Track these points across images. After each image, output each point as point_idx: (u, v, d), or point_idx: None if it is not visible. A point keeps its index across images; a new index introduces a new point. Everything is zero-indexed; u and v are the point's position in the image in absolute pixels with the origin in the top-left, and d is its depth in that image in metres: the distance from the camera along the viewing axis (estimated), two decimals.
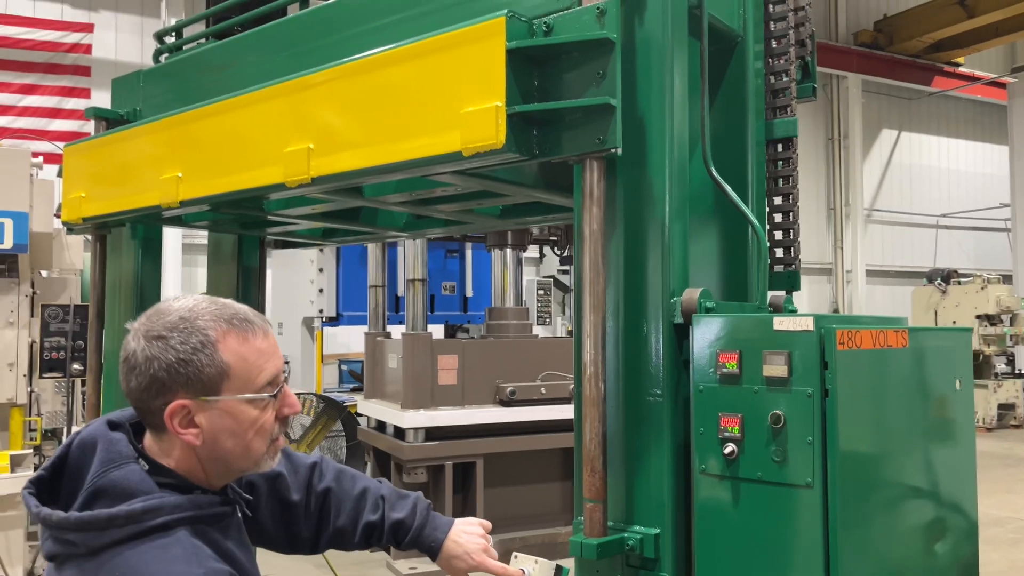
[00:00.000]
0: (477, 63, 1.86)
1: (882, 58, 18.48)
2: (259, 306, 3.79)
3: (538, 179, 2.50)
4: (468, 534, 1.83)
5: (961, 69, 19.49)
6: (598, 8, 1.82)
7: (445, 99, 1.92)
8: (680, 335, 1.91)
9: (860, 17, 18.82)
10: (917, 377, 1.95)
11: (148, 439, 1.46)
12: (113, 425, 1.45)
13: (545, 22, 1.88)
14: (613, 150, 1.81)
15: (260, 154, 2.38)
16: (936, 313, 15.24)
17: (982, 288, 14.69)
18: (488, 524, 1.86)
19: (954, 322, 14.68)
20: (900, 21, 18.30)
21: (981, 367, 14.65)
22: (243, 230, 3.57)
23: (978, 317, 14.57)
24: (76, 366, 5.57)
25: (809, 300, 18.06)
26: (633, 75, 1.95)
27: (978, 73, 19.87)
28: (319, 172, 2.20)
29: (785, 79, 2.38)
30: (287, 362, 9.61)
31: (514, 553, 1.83)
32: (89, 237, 3.41)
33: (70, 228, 3.29)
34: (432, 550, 1.82)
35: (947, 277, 15.39)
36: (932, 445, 1.98)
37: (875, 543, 1.78)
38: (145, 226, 3.38)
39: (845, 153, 18.72)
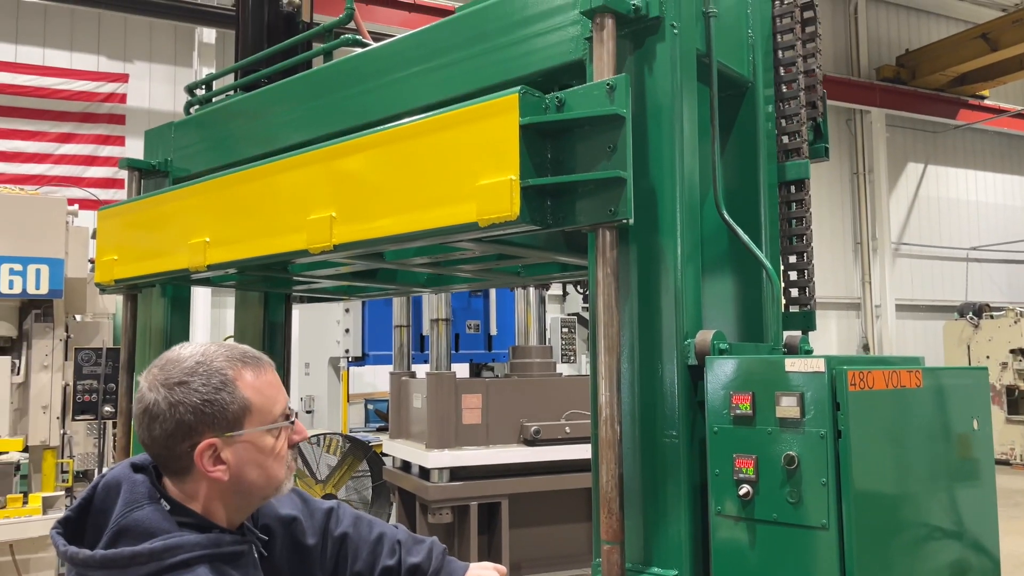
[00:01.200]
0: (492, 137, 1.93)
1: (905, 92, 18.44)
2: (285, 359, 3.88)
3: (554, 242, 2.55)
4: None
5: (986, 102, 19.36)
6: (608, 84, 1.87)
7: (462, 171, 1.99)
8: (695, 376, 1.93)
9: (882, 52, 18.83)
10: (933, 417, 1.94)
11: (168, 482, 1.52)
12: (136, 468, 1.52)
13: (557, 97, 1.94)
14: (625, 220, 1.86)
15: (285, 221, 2.47)
16: (969, 348, 14.98)
17: (1015, 322, 14.44)
18: (503, 569, 1.88)
19: (987, 357, 14.41)
20: (922, 55, 18.28)
21: (1016, 403, 14.33)
22: (269, 288, 3.67)
23: (1012, 351, 14.29)
24: (108, 408, 5.68)
25: (838, 336, 17.83)
26: (644, 125, 2.00)
27: (1004, 106, 19.74)
28: (341, 239, 2.28)
29: (796, 123, 2.41)
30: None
31: None
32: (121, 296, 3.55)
33: (103, 289, 3.42)
34: None
35: (979, 311, 15.15)
36: (951, 485, 1.97)
37: None
38: (174, 286, 3.50)
39: (871, 187, 18.59)
